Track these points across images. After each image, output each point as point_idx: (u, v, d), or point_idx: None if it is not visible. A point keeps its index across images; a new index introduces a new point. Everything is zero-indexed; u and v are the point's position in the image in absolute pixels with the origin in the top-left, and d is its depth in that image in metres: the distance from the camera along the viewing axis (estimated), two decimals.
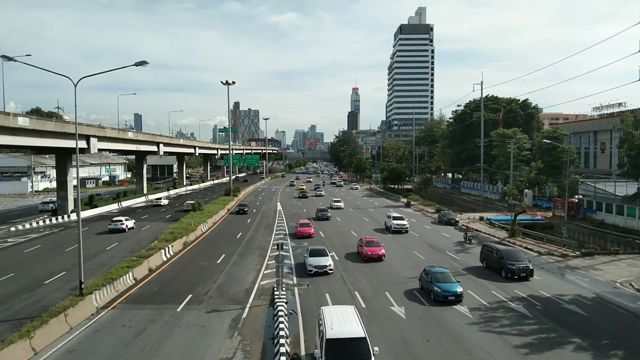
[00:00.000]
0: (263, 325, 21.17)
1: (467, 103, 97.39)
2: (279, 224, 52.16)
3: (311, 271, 29.74)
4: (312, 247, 33.42)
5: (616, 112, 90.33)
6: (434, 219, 56.91)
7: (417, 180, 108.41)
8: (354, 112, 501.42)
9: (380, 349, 18.46)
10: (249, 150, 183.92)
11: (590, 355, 18.01)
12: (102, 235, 44.95)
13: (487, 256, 32.13)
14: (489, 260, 31.88)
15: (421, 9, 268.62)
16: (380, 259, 33.91)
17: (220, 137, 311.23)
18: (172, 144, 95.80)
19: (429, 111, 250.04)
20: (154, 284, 27.86)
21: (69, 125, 53.33)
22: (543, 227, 51.07)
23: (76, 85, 25.18)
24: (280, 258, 23.85)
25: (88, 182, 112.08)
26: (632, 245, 39.80)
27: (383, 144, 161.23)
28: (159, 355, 17.98)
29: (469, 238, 41.95)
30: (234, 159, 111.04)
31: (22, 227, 49.69)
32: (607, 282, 28.59)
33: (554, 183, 68.00)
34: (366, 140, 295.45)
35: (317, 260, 30.28)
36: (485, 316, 22.38)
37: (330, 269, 30.09)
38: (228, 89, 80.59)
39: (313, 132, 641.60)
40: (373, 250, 34.35)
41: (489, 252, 31.91)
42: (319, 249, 32.55)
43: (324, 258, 30.67)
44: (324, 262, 30.18)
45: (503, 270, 29.59)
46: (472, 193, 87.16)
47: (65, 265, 32.15)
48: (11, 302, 24.42)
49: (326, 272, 29.76)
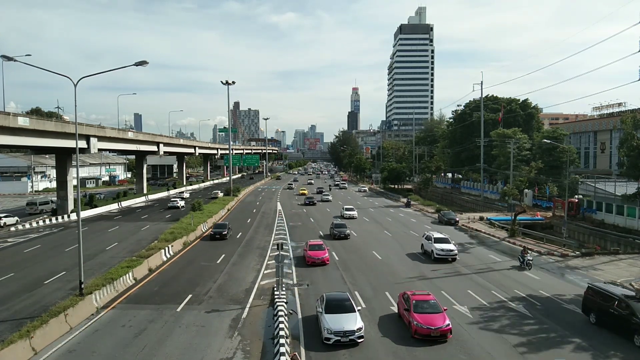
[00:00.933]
0: (263, 325, 21.16)
1: (467, 103, 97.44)
2: (279, 224, 52.13)
3: (329, 340, 18.56)
4: (329, 295, 21.45)
5: (616, 112, 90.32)
6: (434, 219, 56.90)
7: (417, 180, 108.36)
8: (354, 112, 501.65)
9: (380, 349, 18.52)
10: (249, 150, 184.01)
11: (590, 355, 18.01)
12: (101, 237, 44.89)
13: (600, 308, 20.97)
14: (602, 314, 20.81)
15: (421, 9, 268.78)
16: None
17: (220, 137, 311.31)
18: (172, 144, 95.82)
19: (429, 111, 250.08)
20: (154, 284, 27.86)
21: (69, 125, 53.33)
22: (543, 227, 51.08)
23: (76, 85, 25.19)
24: (280, 258, 23.86)
25: (88, 182, 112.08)
26: (632, 245, 39.79)
27: (383, 144, 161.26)
28: (159, 355, 17.98)
29: (527, 263, 31.48)
30: (234, 159, 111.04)
31: (22, 227, 49.68)
32: (607, 282, 28.55)
33: (554, 183, 68.01)
34: (366, 140, 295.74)
35: (337, 321, 18.98)
36: (485, 316, 22.38)
37: (360, 335, 18.76)
38: (228, 89, 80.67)
39: (313, 132, 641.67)
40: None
41: (605, 302, 20.67)
42: (338, 298, 20.94)
43: (347, 317, 19.30)
44: (348, 324, 18.86)
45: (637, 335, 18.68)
46: (472, 193, 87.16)
47: (65, 265, 32.15)
48: (11, 302, 24.42)
49: (355, 343, 18.66)
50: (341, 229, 43.48)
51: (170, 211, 63.64)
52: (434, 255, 33.90)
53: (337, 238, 42.37)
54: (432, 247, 34.57)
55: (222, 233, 42.29)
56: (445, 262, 33.64)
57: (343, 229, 43.50)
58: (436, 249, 34.01)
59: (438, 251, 33.83)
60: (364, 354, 17.90)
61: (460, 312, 22.81)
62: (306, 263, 32.36)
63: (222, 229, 43.15)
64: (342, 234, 42.77)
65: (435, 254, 33.84)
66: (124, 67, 26.31)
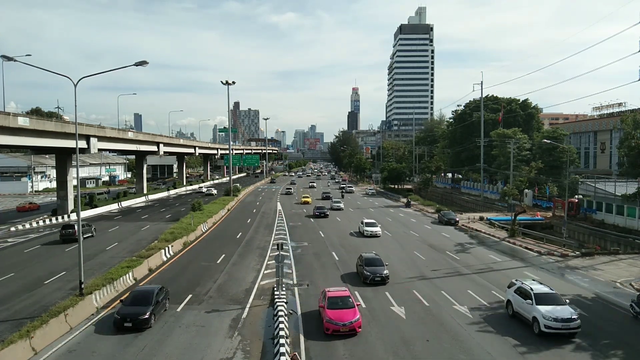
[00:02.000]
0: (263, 325, 21.17)
1: (467, 103, 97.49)
2: (279, 224, 52.12)
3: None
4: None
5: (616, 112, 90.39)
6: (434, 219, 56.88)
7: (417, 180, 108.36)
8: (354, 112, 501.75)
9: (381, 349, 18.54)
10: (249, 150, 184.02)
11: (590, 355, 18.02)
12: (101, 237, 44.86)
13: None
14: None
15: (421, 9, 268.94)
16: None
17: (220, 137, 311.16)
18: (172, 144, 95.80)
19: (429, 111, 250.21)
20: (154, 284, 27.79)
21: (69, 125, 53.32)
22: (543, 227, 51.04)
23: (76, 85, 25.19)
24: (280, 258, 23.86)
25: (88, 182, 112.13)
26: (632, 245, 39.78)
27: (383, 144, 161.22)
28: (159, 355, 17.98)
29: None
30: (234, 159, 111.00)
31: (22, 227, 49.68)
32: (607, 282, 28.58)
33: (554, 183, 68.01)
34: (366, 140, 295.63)
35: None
36: (485, 316, 22.38)
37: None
38: (228, 89, 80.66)
39: (313, 132, 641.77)
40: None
41: None
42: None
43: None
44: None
45: None
46: (472, 193, 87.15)
47: (65, 265, 32.14)
48: (11, 302, 24.42)
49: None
50: (377, 268, 27.76)
51: (171, 211, 63.66)
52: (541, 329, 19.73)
53: (371, 282, 27.20)
54: (544, 314, 19.85)
55: (137, 317, 20.17)
56: (444, 263, 33.59)
57: (380, 269, 27.66)
58: (544, 315, 19.67)
59: (547, 321, 19.44)
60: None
61: (460, 312, 22.82)
62: (324, 332, 19.89)
63: (139, 306, 20.77)
64: (378, 277, 27.25)
65: (544, 325, 19.47)
66: (124, 67, 26.34)
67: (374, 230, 44.32)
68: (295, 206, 70.49)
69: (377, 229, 44.60)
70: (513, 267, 32.58)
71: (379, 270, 27.78)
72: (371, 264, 28.42)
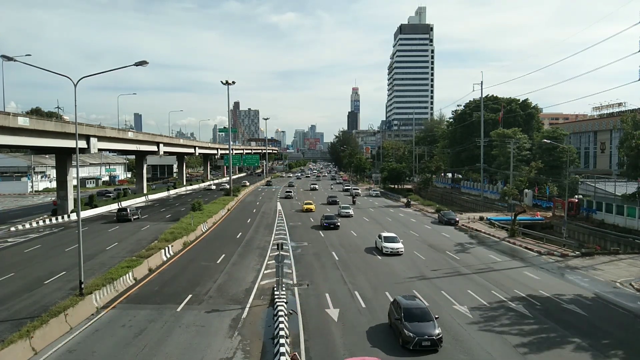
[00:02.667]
0: (263, 325, 21.17)
1: (467, 103, 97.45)
2: (279, 224, 52.11)
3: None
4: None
5: (616, 112, 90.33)
6: (434, 219, 56.88)
7: (417, 180, 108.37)
8: (354, 112, 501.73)
9: (381, 349, 18.50)
10: (249, 150, 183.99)
11: (590, 355, 18.02)
12: (101, 237, 44.87)
13: None
14: None
15: (421, 9, 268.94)
16: None
17: (220, 137, 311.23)
18: (172, 144, 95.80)
19: (429, 111, 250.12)
20: (154, 284, 27.85)
21: (69, 125, 53.31)
22: (543, 227, 51.06)
23: (76, 85, 25.19)
24: (280, 258, 23.87)
25: (88, 182, 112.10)
26: (632, 245, 39.78)
27: (383, 144, 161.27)
28: (159, 355, 17.98)
29: None
30: (234, 159, 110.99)
31: (22, 227, 49.66)
32: (607, 282, 28.59)
33: (554, 183, 68.00)
34: (366, 140, 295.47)
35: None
36: (485, 316, 22.39)
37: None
38: (228, 89, 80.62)
39: (313, 132, 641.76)
40: None
41: None
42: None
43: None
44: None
45: None
46: (472, 193, 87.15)
47: (65, 265, 32.13)
48: (11, 302, 24.41)
49: None
50: (423, 325, 18.87)
51: (171, 211, 63.64)
52: None
53: (417, 348, 18.23)
54: None
55: None
56: (444, 263, 33.55)
57: (429, 326, 18.82)
58: None
59: None
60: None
61: (460, 312, 22.82)
62: None
63: None
64: (427, 340, 18.29)
65: None
66: (124, 67, 26.34)
67: (395, 247, 35.81)
68: (296, 215, 59.88)
69: (398, 245, 36.07)
70: (513, 267, 32.58)
71: (427, 328, 18.66)
72: (414, 317, 19.25)
